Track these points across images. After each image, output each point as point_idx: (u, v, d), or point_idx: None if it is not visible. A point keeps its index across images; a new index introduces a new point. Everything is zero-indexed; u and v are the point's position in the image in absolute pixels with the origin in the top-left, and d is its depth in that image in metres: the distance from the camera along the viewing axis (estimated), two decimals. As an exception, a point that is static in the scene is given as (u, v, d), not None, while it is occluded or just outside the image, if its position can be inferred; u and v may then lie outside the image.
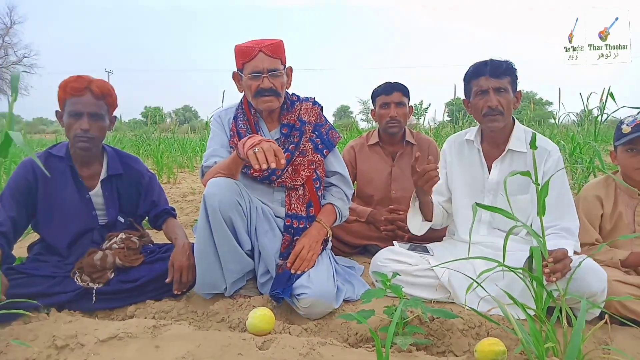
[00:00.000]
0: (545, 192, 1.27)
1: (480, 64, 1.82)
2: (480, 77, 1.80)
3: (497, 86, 1.77)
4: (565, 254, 1.46)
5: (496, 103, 1.77)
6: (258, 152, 1.52)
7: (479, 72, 1.81)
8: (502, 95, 1.77)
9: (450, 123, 8.72)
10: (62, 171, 1.82)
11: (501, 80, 1.77)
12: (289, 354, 1.23)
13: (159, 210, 2.02)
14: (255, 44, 1.84)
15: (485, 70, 1.79)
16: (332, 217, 1.97)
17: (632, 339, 1.50)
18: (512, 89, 1.81)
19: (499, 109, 1.77)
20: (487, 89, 1.78)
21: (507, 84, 1.78)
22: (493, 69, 1.77)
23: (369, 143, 2.66)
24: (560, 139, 4.61)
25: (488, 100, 1.78)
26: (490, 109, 1.77)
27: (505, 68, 1.78)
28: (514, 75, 1.81)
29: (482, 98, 1.80)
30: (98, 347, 1.30)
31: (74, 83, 1.76)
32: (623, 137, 1.74)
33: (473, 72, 1.84)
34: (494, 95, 1.77)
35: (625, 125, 1.74)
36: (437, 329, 1.53)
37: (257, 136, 1.62)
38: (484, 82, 1.79)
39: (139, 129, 12.34)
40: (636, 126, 1.70)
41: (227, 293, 1.79)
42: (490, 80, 1.77)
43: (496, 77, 1.77)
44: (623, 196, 1.83)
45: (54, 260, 1.80)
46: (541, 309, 1.29)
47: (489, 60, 1.81)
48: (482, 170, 1.92)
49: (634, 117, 1.75)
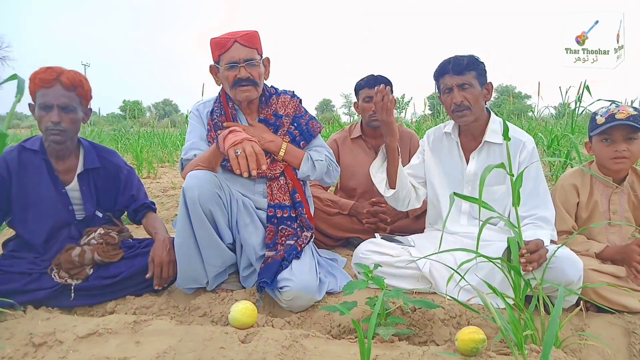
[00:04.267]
0: (519, 182, 1.31)
1: (444, 62, 1.87)
2: (445, 75, 1.85)
3: (461, 82, 1.81)
4: (540, 244, 1.49)
5: (461, 99, 1.81)
6: (240, 157, 1.52)
7: (444, 71, 1.86)
8: (467, 90, 1.81)
9: (432, 116, 8.81)
10: (36, 165, 1.78)
11: (464, 77, 1.81)
12: (271, 346, 1.22)
13: (138, 205, 1.99)
14: (230, 35, 1.84)
15: (448, 69, 1.83)
16: (300, 154, 1.95)
17: (607, 325, 1.54)
18: (480, 82, 1.84)
19: (464, 104, 1.81)
20: (451, 86, 1.83)
21: (471, 79, 1.81)
22: (455, 66, 1.82)
23: (351, 136, 2.66)
24: (538, 132, 4.70)
25: (453, 97, 1.82)
26: (456, 105, 1.82)
27: (467, 63, 1.81)
28: (479, 69, 1.84)
29: (449, 95, 1.85)
30: (77, 344, 1.28)
31: (43, 74, 1.71)
32: (597, 127, 1.78)
33: (439, 71, 1.89)
34: (459, 92, 1.81)
35: (599, 116, 1.79)
36: (419, 319, 1.54)
37: (240, 132, 1.61)
38: (449, 80, 1.83)
39: (118, 123, 12.14)
40: (609, 117, 1.74)
41: (208, 287, 1.78)
42: (454, 77, 1.82)
43: (459, 73, 1.81)
44: (598, 185, 1.87)
45: (30, 257, 1.76)
46: (519, 297, 1.32)
47: (452, 57, 1.85)
48: (461, 162, 1.96)
49: (607, 108, 1.79)
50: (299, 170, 1.94)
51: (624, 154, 1.74)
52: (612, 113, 1.74)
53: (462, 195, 1.37)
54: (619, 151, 1.74)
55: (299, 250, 1.79)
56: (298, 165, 1.94)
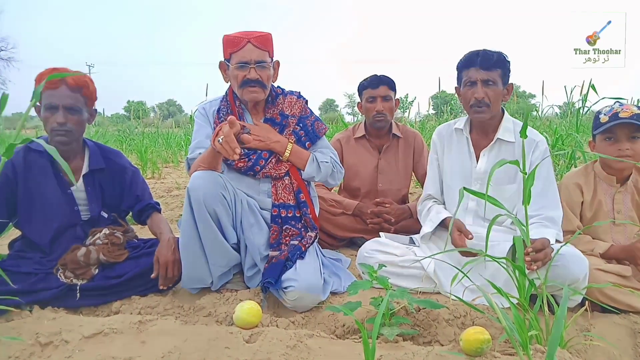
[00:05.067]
0: (531, 181, 1.28)
1: (472, 54, 1.81)
2: (470, 68, 1.80)
3: (486, 78, 1.77)
4: (546, 243, 1.48)
5: (483, 95, 1.77)
6: (223, 142, 1.56)
7: (470, 63, 1.81)
8: (490, 87, 1.78)
9: (435, 116, 8.80)
10: (42, 166, 1.79)
11: (491, 73, 1.77)
12: (276, 346, 1.23)
13: (143, 205, 2.00)
14: (244, 34, 1.85)
15: (476, 61, 1.78)
16: (305, 155, 1.95)
17: (613, 326, 1.54)
18: (503, 81, 1.80)
19: (485, 101, 1.78)
20: (475, 80, 1.78)
21: (496, 77, 1.78)
22: (484, 60, 1.77)
23: (355, 136, 2.66)
24: (543, 131, 4.67)
25: (475, 92, 1.78)
26: (477, 100, 1.78)
27: (496, 60, 1.77)
28: (506, 68, 1.80)
29: (471, 89, 1.80)
30: (83, 344, 1.29)
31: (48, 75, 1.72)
32: (601, 126, 1.77)
33: (465, 62, 1.84)
34: (482, 88, 1.77)
35: (603, 115, 1.78)
36: (423, 319, 1.54)
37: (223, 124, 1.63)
38: (474, 73, 1.79)
39: (122, 124, 12.17)
40: (613, 115, 1.73)
41: (213, 287, 1.78)
42: (480, 72, 1.77)
43: (486, 69, 1.77)
44: (602, 184, 1.87)
45: (36, 257, 1.77)
46: (524, 297, 1.31)
47: (482, 50, 1.80)
48: (471, 159, 1.93)
49: (610, 107, 1.79)
50: (303, 172, 1.94)
51: (627, 153, 1.73)
52: (616, 112, 1.73)
53: (472, 191, 1.35)
54: (623, 150, 1.74)
55: (302, 250, 1.80)
56: (303, 166, 1.94)
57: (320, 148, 2.03)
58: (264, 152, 1.89)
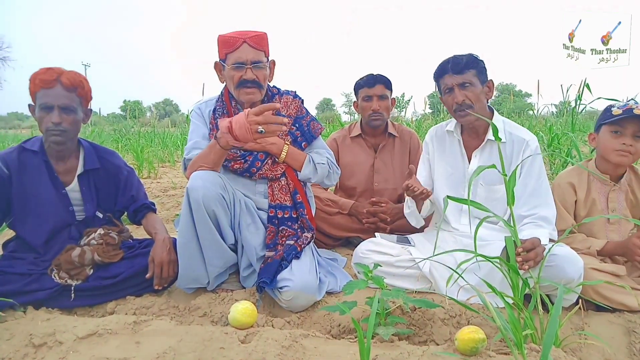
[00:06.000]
0: (513, 182, 1.30)
1: (443, 63, 1.86)
2: (444, 75, 1.85)
3: (461, 81, 1.80)
4: (536, 242, 1.49)
5: (462, 98, 1.80)
6: (266, 127, 1.60)
7: (443, 71, 1.85)
8: (467, 89, 1.81)
9: (432, 115, 8.81)
10: (36, 166, 1.78)
11: (464, 75, 1.80)
12: (271, 346, 1.22)
13: (138, 205, 1.99)
14: (240, 34, 1.83)
15: (447, 68, 1.83)
16: (301, 157, 1.95)
17: (607, 324, 1.54)
18: (480, 80, 1.83)
19: (466, 103, 1.81)
20: (452, 86, 1.82)
21: (471, 77, 1.81)
22: (454, 65, 1.81)
23: (351, 135, 2.66)
24: (538, 130, 4.69)
25: (455, 97, 1.82)
26: (458, 104, 1.82)
27: (466, 62, 1.81)
28: (479, 67, 1.83)
29: (450, 95, 1.84)
30: (77, 345, 1.28)
31: (43, 75, 1.71)
32: (612, 117, 1.78)
33: (438, 72, 1.88)
34: (460, 91, 1.81)
35: (615, 108, 1.79)
36: (418, 319, 1.54)
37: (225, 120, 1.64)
38: (449, 80, 1.83)
39: (118, 123, 12.13)
40: (627, 110, 1.75)
41: (209, 287, 1.78)
42: (454, 76, 1.81)
43: (458, 72, 1.80)
44: (596, 183, 1.88)
45: (30, 258, 1.76)
46: (518, 296, 1.32)
47: (451, 57, 1.85)
48: (463, 160, 1.95)
49: (625, 102, 1.81)
50: (300, 173, 1.94)
51: (629, 149, 1.76)
52: (631, 107, 1.75)
53: (455, 198, 1.37)
54: (626, 144, 1.76)
55: (298, 250, 1.79)
56: (299, 168, 1.93)
57: (317, 148, 2.03)
58: (260, 154, 1.88)
